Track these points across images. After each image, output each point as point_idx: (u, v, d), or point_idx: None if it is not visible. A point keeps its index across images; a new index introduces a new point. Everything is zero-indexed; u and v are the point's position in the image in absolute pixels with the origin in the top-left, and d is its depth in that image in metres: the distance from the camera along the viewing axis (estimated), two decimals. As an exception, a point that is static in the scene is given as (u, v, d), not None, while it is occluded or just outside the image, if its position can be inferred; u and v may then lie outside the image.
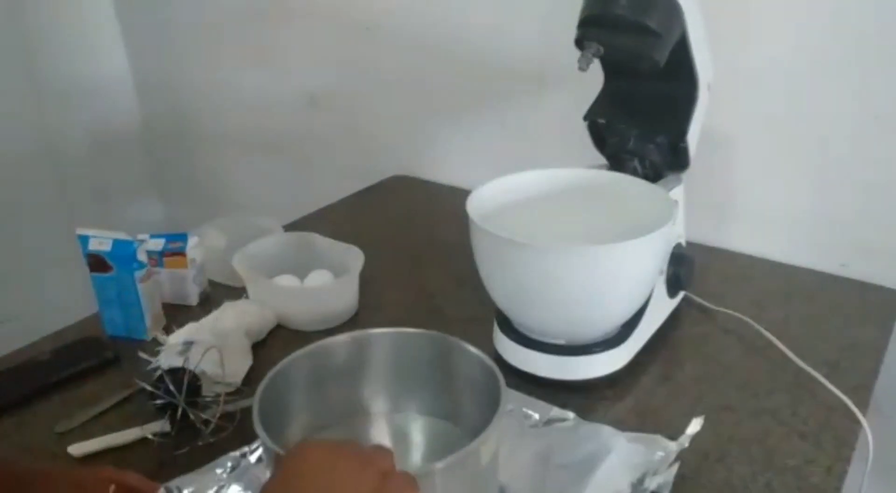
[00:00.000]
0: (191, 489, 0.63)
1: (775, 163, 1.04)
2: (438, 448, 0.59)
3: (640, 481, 0.63)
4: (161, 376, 0.72)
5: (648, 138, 0.86)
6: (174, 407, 0.71)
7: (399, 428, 0.61)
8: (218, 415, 0.71)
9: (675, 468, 0.66)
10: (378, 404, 0.62)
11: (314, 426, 0.59)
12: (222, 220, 1.07)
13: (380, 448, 0.47)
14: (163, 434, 0.71)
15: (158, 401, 0.72)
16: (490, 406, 0.53)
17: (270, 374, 0.53)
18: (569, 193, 0.86)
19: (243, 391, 0.77)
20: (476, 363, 0.57)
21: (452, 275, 1.01)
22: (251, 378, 0.79)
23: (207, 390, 0.75)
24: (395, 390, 0.61)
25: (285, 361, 0.55)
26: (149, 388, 0.72)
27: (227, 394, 0.74)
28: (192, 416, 0.71)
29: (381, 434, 0.61)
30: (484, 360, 0.57)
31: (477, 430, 0.55)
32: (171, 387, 0.71)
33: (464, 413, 0.59)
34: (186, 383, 0.72)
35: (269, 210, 1.14)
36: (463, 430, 0.59)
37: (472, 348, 0.58)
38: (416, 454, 0.61)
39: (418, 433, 0.61)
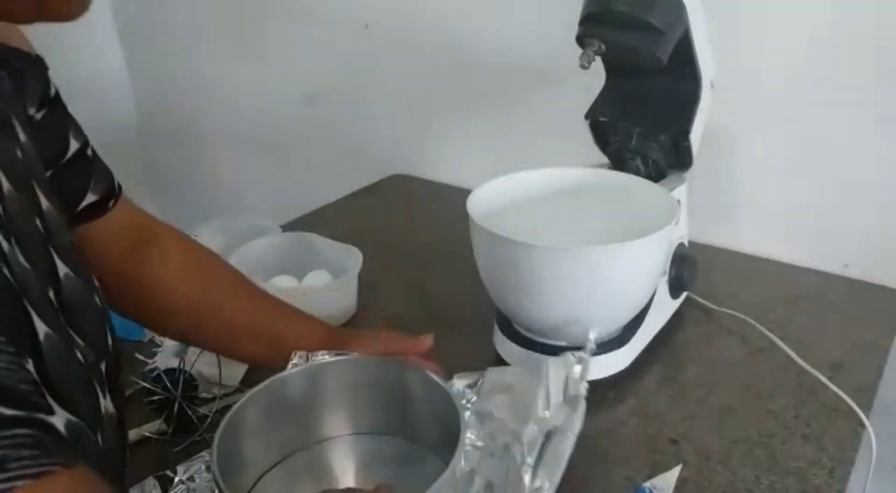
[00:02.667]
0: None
1: (778, 162, 1.03)
2: (400, 465, 0.60)
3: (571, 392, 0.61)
4: (158, 376, 0.72)
5: (651, 137, 0.85)
6: (171, 405, 0.71)
7: (361, 449, 0.62)
8: (215, 409, 0.71)
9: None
10: (338, 428, 0.62)
11: (276, 456, 0.59)
12: (219, 220, 1.06)
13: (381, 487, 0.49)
14: (160, 434, 0.71)
15: (155, 398, 0.71)
16: (447, 421, 0.54)
17: (225, 421, 0.53)
18: (570, 192, 0.86)
19: (242, 391, 0.76)
20: (428, 385, 0.58)
21: (452, 275, 1.00)
22: (248, 380, 0.78)
23: (205, 392, 0.74)
24: (354, 413, 0.62)
25: (238, 404, 0.55)
26: (146, 385, 0.72)
27: (225, 395, 0.74)
28: (189, 411, 0.71)
29: (343, 457, 0.62)
30: (435, 381, 0.58)
31: (436, 443, 0.58)
32: (168, 384, 0.71)
33: (423, 430, 0.60)
34: (183, 381, 0.72)
35: (267, 210, 1.13)
36: (422, 445, 0.60)
37: (423, 371, 0.59)
38: (381, 473, 0.61)
39: (380, 452, 0.62)
